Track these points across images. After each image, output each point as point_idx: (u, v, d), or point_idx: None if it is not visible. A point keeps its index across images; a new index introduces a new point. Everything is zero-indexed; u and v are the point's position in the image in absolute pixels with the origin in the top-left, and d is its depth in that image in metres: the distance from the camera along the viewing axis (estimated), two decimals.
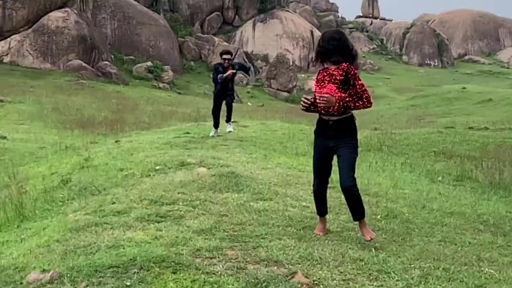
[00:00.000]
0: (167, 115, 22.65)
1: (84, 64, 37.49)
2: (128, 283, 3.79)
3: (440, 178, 9.13)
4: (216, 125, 12.28)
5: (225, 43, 57.50)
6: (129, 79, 40.85)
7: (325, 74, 5.02)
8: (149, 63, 44.58)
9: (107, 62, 39.86)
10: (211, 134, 12.11)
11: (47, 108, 21.87)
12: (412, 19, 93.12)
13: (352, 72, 4.93)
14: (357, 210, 5.04)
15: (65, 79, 33.24)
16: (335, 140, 4.95)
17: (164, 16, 57.02)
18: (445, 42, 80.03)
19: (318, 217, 5.33)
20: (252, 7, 64.98)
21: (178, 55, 52.63)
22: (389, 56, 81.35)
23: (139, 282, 3.82)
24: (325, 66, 5.07)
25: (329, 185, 5.38)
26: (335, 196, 6.76)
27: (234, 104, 12.78)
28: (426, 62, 77.92)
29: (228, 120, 12.55)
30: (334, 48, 5.01)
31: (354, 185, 4.97)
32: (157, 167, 8.07)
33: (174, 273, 4.00)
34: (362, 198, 6.64)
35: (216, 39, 58.37)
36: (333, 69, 4.97)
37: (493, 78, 64.56)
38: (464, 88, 38.51)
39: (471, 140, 13.53)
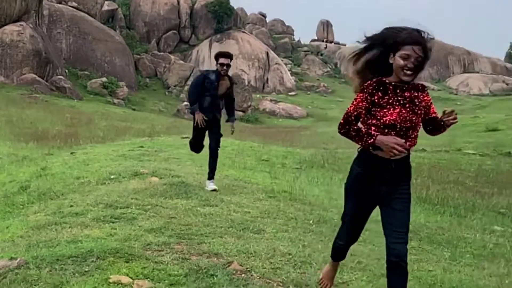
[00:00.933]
0: (122, 130, 23.02)
1: (38, 78, 37.44)
2: (86, 269, 4.39)
3: None
4: (211, 176, 8.20)
5: (181, 62, 58.16)
6: (84, 94, 40.92)
7: (406, 96, 3.59)
8: (104, 79, 44.79)
9: (61, 77, 39.87)
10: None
11: (0, 120, 21.97)
12: None
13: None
14: None
15: (18, 93, 33.17)
16: (391, 185, 3.62)
17: (120, 33, 57.36)
18: None
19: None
20: (208, 27, 65.85)
21: (134, 72, 52.95)
22: (343, 80, 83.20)
23: (96, 268, 4.42)
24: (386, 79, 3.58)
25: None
26: (274, 204, 7.51)
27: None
28: None
29: (210, 177, 8.22)
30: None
31: (407, 254, 3.55)
32: (112, 176, 8.65)
33: (127, 262, 4.63)
34: (299, 207, 7.45)
35: (172, 57, 58.92)
36: (414, 93, 3.61)
37: (442, 104, 66.65)
38: None
39: None
